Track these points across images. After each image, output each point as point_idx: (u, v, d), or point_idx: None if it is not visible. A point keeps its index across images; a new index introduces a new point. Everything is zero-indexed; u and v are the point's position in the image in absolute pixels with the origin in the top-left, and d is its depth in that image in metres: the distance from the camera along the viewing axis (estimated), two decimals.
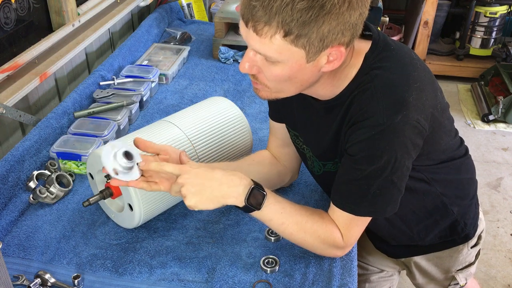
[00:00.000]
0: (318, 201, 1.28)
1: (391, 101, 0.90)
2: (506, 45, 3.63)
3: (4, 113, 1.33)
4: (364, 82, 0.93)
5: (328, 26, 0.81)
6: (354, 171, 0.95)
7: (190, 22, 2.48)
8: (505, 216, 2.59)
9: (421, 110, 0.92)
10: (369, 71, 0.93)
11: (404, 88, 0.91)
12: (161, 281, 1.05)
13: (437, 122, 0.99)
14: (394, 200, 0.98)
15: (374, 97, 0.91)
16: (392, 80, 0.92)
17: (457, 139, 1.15)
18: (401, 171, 0.94)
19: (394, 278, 1.48)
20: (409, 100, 0.90)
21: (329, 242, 1.01)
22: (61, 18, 1.68)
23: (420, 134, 0.93)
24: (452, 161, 1.12)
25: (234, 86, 1.88)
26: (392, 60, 0.94)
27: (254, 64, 0.91)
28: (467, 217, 1.21)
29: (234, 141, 1.28)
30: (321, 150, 1.08)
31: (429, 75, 0.98)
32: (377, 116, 0.90)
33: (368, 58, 0.94)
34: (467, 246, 1.25)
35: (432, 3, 3.56)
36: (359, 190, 0.96)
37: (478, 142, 3.19)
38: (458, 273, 1.30)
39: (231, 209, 1.25)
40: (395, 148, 0.91)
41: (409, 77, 0.92)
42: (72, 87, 1.77)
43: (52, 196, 1.24)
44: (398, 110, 0.89)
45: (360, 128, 0.92)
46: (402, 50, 0.97)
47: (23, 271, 1.05)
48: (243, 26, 0.87)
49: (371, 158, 0.92)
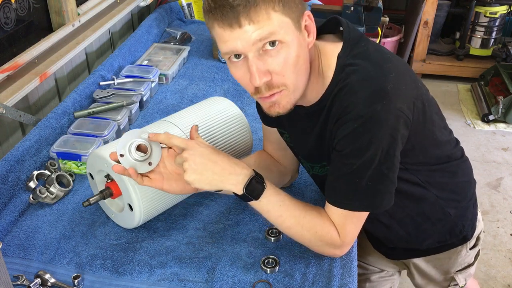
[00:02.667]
0: (318, 201, 1.28)
1: (369, 92, 0.91)
2: (506, 45, 3.62)
3: (4, 113, 1.33)
4: (340, 81, 0.94)
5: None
6: (344, 166, 0.95)
7: (190, 22, 2.48)
8: (505, 216, 2.59)
9: (402, 99, 0.92)
10: (343, 69, 0.95)
11: (381, 78, 0.92)
12: (161, 281, 1.05)
13: (425, 114, 0.99)
14: (389, 192, 0.97)
15: (352, 92, 0.92)
16: (367, 73, 0.93)
17: (452, 137, 1.15)
18: (391, 161, 0.94)
19: (395, 278, 1.48)
20: (387, 89, 0.90)
21: (326, 240, 1.01)
22: (61, 18, 1.68)
23: (405, 123, 0.93)
24: (448, 163, 1.11)
25: (234, 86, 1.88)
26: (364, 55, 0.96)
27: (262, 70, 0.89)
28: (465, 218, 1.21)
29: (234, 141, 1.28)
30: (307, 152, 1.09)
31: (405, 67, 1.00)
32: (358, 108, 0.90)
33: (341, 58, 0.96)
34: (466, 248, 1.25)
35: (432, 3, 3.56)
36: (351, 185, 0.96)
37: (478, 142, 3.19)
38: (458, 274, 1.30)
39: (231, 209, 1.25)
40: (381, 138, 0.91)
41: (383, 68, 0.94)
42: (72, 87, 1.77)
43: (52, 196, 1.24)
44: (377, 99, 0.90)
45: (344, 123, 0.92)
46: (374, 46, 0.99)
47: (23, 271, 1.05)
48: (232, 33, 0.86)
49: (358, 150, 0.92)
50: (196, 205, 1.26)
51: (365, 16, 2.25)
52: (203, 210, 1.25)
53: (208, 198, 1.29)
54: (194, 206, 1.26)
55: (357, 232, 1.03)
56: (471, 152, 3.07)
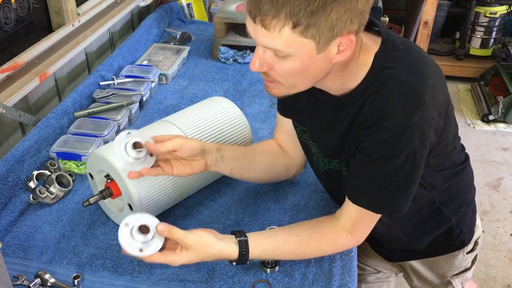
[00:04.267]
0: (318, 201, 1.28)
1: (408, 101, 0.90)
2: (506, 45, 3.63)
3: (4, 113, 1.33)
4: (377, 83, 0.92)
5: (336, 14, 0.81)
6: (373, 169, 0.95)
7: (190, 22, 2.48)
8: (505, 216, 2.59)
9: (436, 107, 0.93)
10: (381, 71, 0.93)
11: (420, 87, 0.91)
12: (161, 281, 1.05)
13: (447, 118, 1.00)
14: (410, 198, 0.99)
15: (390, 98, 0.91)
16: (406, 79, 0.92)
17: (460, 142, 1.15)
18: (420, 168, 0.96)
19: (391, 281, 1.47)
20: (425, 99, 0.90)
21: (336, 248, 1.05)
22: (61, 18, 1.68)
23: (435, 131, 0.94)
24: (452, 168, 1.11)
25: (234, 86, 1.88)
26: (403, 59, 0.94)
27: (264, 61, 0.90)
28: (463, 223, 1.21)
29: (234, 141, 1.28)
30: (328, 147, 1.08)
31: (438, 71, 0.99)
32: (396, 116, 0.90)
33: (379, 58, 0.94)
34: (463, 252, 1.25)
35: (432, 3, 3.56)
36: (378, 188, 0.96)
37: (478, 142, 3.19)
38: (454, 278, 1.30)
39: (231, 209, 1.25)
40: (414, 146, 0.91)
41: (423, 76, 0.92)
42: (72, 87, 1.77)
43: (52, 196, 1.24)
44: (416, 109, 0.89)
45: (378, 129, 0.91)
46: (412, 49, 0.97)
47: (23, 271, 1.05)
48: (250, 23, 0.86)
49: (390, 156, 0.92)
50: (196, 205, 1.26)
51: None
52: (203, 210, 1.25)
53: (208, 198, 1.29)
54: (194, 206, 1.26)
55: (368, 231, 1.05)
56: (471, 152, 3.07)
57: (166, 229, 0.94)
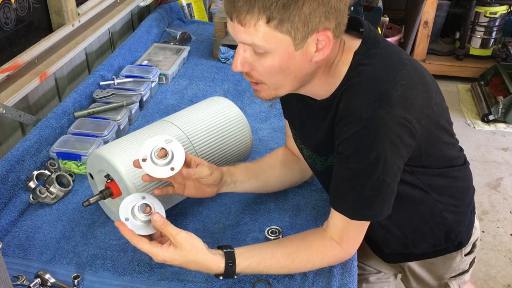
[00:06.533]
0: (318, 201, 1.28)
1: (374, 96, 0.89)
2: (506, 45, 3.62)
3: (4, 113, 1.33)
4: (351, 78, 0.93)
5: (309, 8, 0.83)
6: (345, 170, 0.95)
7: (190, 22, 2.48)
8: (505, 216, 2.59)
9: (408, 109, 0.90)
10: (356, 67, 0.93)
11: (390, 84, 0.90)
12: (161, 281, 1.05)
13: (437, 123, 0.99)
14: (389, 201, 0.97)
15: (358, 92, 0.91)
16: (377, 75, 0.92)
17: (457, 144, 1.14)
18: (393, 171, 0.93)
19: (391, 281, 1.47)
20: (393, 96, 0.89)
21: (325, 259, 1.03)
22: (61, 18, 1.68)
23: (410, 133, 0.91)
24: (450, 169, 1.11)
25: (234, 86, 1.88)
26: (380, 57, 0.94)
27: (246, 61, 0.92)
28: (462, 225, 1.20)
29: (234, 141, 1.28)
30: (316, 146, 1.08)
31: (420, 76, 0.97)
32: (361, 110, 0.89)
33: (357, 55, 0.95)
34: (461, 254, 1.24)
35: (432, 3, 3.56)
36: (353, 193, 0.95)
37: (478, 142, 3.19)
38: (452, 281, 1.30)
39: (231, 209, 1.25)
40: (384, 146, 0.89)
41: (396, 74, 0.92)
42: (72, 87, 1.77)
43: (52, 196, 1.24)
44: (382, 105, 0.88)
45: (346, 124, 0.91)
46: (392, 49, 0.97)
47: (23, 271, 1.05)
48: (229, 22, 0.89)
49: (358, 154, 0.91)
50: (196, 205, 1.26)
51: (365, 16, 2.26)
52: (203, 210, 1.25)
53: (208, 198, 1.28)
54: (194, 206, 1.26)
55: (359, 241, 1.04)
56: (471, 152, 3.07)
57: (161, 221, 0.95)
